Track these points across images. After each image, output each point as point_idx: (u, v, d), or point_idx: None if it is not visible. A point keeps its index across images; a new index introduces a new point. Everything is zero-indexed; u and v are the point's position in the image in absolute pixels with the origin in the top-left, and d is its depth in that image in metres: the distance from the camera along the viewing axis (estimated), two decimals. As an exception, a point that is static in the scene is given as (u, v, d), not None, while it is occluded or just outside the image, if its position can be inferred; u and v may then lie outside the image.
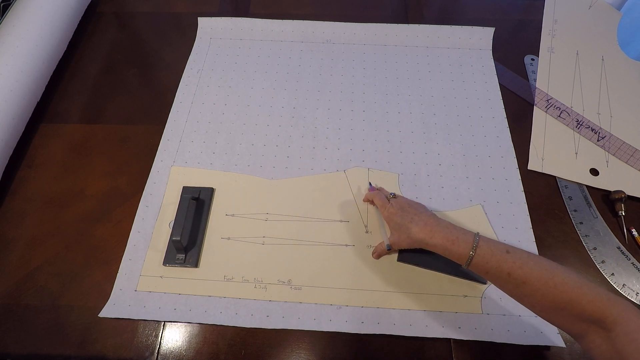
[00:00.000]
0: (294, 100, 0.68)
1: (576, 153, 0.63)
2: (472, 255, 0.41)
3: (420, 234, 0.45)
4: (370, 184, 0.45)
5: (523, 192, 0.58)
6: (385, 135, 0.64)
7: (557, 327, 0.39)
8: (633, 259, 0.53)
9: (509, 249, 0.41)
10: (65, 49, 0.73)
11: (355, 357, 0.48)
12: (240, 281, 0.52)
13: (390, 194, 0.52)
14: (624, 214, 0.56)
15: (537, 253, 0.53)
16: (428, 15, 0.80)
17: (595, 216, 0.57)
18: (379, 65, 0.73)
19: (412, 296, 0.51)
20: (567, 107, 0.67)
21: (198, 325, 0.49)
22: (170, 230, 0.55)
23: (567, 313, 0.36)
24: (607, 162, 0.62)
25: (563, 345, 0.47)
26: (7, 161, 0.59)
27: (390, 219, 0.49)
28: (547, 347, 0.47)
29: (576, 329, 0.37)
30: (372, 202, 0.56)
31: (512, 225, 0.56)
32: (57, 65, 0.71)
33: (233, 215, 0.57)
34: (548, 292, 0.37)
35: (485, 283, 0.51)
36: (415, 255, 0.52)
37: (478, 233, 0.43)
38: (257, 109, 0.67)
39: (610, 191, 0.58)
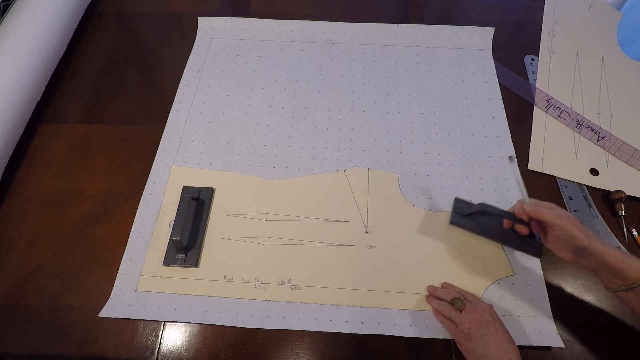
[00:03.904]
0: (294, 100, 0.68)
1: (576, 153, 0.63)
2: None
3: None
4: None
5: (523, 192, 0.58)
6: (385, 135, 0.64)
7: None
8: (633, 259, 0.53)
9: None
10: (65, 49, 0.73)
11: (355, 357, 0.48)
12: (240, 281, 0.52)
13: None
14: (624, 214, 0.56)
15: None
16: (428, 16, 0.80)
17: (595, 216, 0.57)
18: (379, 65, 0.73)
19: (412, 296, 0.51)
20: (567, 107, 0.67)
21: (198, 325, 0.50)
22: (170, 230, 0.55)
23: None
24: (607, 162, 0.62)
25: (562, 345, 0.47)
26: (7, 161, 0.60)
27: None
28: (547, 348, 0.47)
29: None
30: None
31: (512, 225, 0.56)
32: (57, 65, 0.71)
33: (233, 215, 0.57)
34: None
35: (539, 256, 0.50)
36: (469, 220, 0.53)
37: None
38: (257, 109, 0.67)
39: (610, 191, 0.58)
